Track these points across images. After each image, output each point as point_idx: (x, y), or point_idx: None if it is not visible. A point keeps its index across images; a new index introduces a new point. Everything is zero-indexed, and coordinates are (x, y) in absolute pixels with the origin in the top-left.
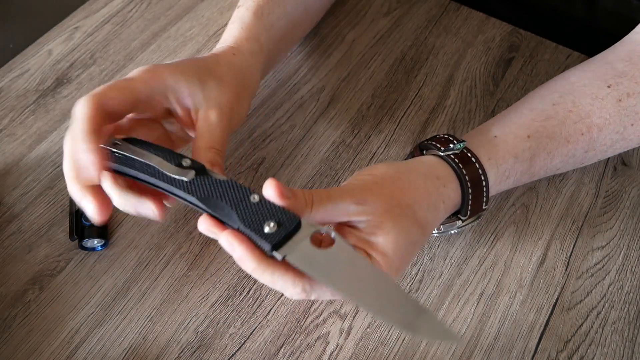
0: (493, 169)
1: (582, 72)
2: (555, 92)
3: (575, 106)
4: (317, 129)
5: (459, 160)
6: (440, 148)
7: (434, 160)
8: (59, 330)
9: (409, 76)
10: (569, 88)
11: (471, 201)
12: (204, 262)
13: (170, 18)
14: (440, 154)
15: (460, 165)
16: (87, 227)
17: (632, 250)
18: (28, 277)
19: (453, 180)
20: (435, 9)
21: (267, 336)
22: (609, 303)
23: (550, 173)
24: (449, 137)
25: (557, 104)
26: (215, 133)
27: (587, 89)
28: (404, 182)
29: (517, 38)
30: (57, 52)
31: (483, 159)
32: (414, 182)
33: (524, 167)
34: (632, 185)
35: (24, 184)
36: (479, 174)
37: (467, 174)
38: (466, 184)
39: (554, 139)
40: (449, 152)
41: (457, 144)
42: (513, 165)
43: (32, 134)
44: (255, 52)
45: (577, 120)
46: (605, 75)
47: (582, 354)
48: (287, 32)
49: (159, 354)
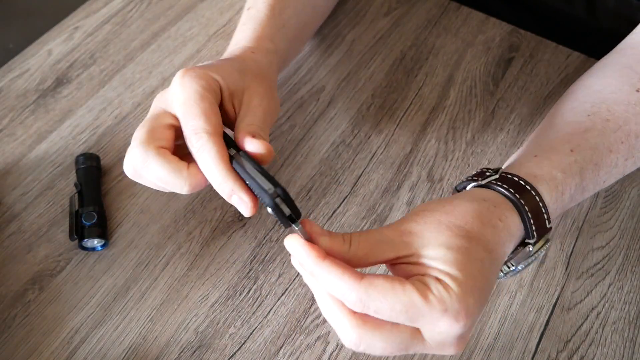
0: (543, 185)
1: (602, 79)
2: (585, 102)
3: (612, 114)
4: (317, 129)
5: (502, 183)
6: (478, 179)
7: (475, 189)
8: (58, 330)
9: (409, 76)
10: (599, 97)
11: (532, 219)
12: (204, 262)
13: (170, 18)
14: (481, 183)
15: (506, 186)
16: (87, 227)
17: (632, 250)
18: (28, 277)
19: (503, 202)
20: (435, 9)
21: (267, 336)
22: (609, 303)
23: (598, 188)
24: (482, 170)
25: (592, 114)
26: (257, 112)
27: (617, 95)
28: (448, 207)
29: (517, 38)
30: (57, 52)
31: (529, 177)
32: (459, 206)
33: (575, 180)
34: (632, 185)
35: (24, 184)
36: (530, 191)
37: (517, 194)
38: (519, 203)
39: (597, 150)
40: (488, 179)
41: (493, 170)
42: (564, 180)
43: (32, 134)
44: (270, 50)
45: (616, 128)
46: (630, 80)
47: (582, 354)
48: (298, 32)
49: (159, 354)
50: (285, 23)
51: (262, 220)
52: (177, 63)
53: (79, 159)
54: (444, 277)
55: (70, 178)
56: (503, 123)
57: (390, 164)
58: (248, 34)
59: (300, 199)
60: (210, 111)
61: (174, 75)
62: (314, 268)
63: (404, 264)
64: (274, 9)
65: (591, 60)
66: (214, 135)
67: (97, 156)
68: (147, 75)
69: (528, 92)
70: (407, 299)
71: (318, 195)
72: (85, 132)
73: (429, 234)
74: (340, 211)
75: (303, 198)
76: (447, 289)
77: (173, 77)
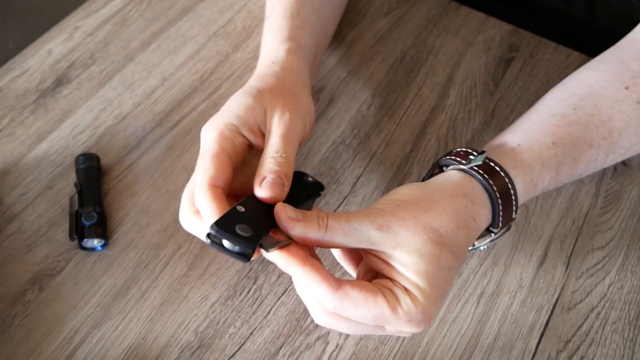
0: (520, 177)
1: (597, 72)
2: (574, 95)
3: (597, 110)
4: (317, 129)
5: (484, 172)
6: (462, 162)
7: (457, 175)
8: (58, 330)
9: (409, 76)
10: (588, 91)
11: (502, 212)
12: (204, 262)
13: (170, 18)
14: (463, 167)
15: (487, 177)
16: (87, 227)
17: (632, 250)
18: (28, 277)
19: (480, 194)
20: (435, 9)
21: (267, 336)
22: (609, 303)
23: (573, 179)
24: (467, 150)
25: (578, 107)
26: (274, 138)
27: (606, 91)
28: (428, 204)
29: (517, 38)
30: (56, 52)
31: (509, 168)
32: (439, 203)
33: (551, 174)
34: (632, 185)
35: (24, 184)
36: (507, 184)
37: (494, 185)
38: (495, 196)
39: (578, 145)
40: (471, 164)
41: (478, 155)
42: (540, 173)
43: (31, 134)
44: (292, 49)
45: (599, 124)
46: (622, 77)
47: (582, 354)
48: (319, 28)
49: (159, 354)
50: (305, 21)
51: None
52: (177, 63)
53: (79, 159)
54: (413, 288)
55: (70, 178)
56: (503, 123)
57: (390, 164)
58: (269, 42)
59: None
60: (210, 163)
61: (174, 75)
62: (294, 272)
63: (375, 256)
64: (291, 10)
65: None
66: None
67: (97, 156)
68: (147, 75)
69: (528, 92)
70: (377, 311)
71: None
72: (85, 132)
73: (404, 233)
74: (340, 211)
75: None
76: (414, 301)
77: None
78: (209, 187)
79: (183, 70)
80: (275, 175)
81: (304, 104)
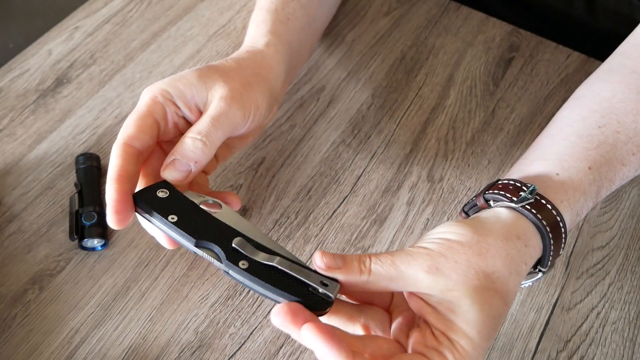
0: (567, 211)
1: (610, 84)
2: (595, 112)
3: (621, 126)
4: (317, 129)
5: (536, 211)
6: (512, 198)
7: (509, 215)
8: (58, 330)
9: (409, 76)
10: (607, 105)
11: (552, 252)
12: (204, 262)
13: (170, 18)
14: (514, 205)
15: (540, 217)
16: (87, 227)
17: (632, 250)
18: (28, 277)
19: (533, 235)
20: (435, 9)
21: (267, 336)
22: (609, 303)
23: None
24: (515, 184)
25: (603, 125)
26: (203, 118)
27: (625, 105)
28: (482, 247)
29: (517, 38)
30: (57, 52)
31: (556, 202)
32: (493, 246)
33: (593, 201)
34: (632, 185)
35: (24, 184)
36: (558, 222)
37: (547, 225)
38: (548, 237)
39: (612, 165)
40: (524, 203)
41: (527, 190)
42: (584, 203)
43: (32, 133)
44: (272, 43)
45: (627, 140)
46: (637, 87)
47: (582, 354)
48: (305, 24)
49: (159, 354)
50: (289, 16)
51: (262, 220)
52: (177, 63)
53: (79, 158)
54: (461, 339)
55: (70, 178)
56: (503, 123)
57: (390, 164)
58: (250, 32)
59: (300, 199)
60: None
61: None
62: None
63: (422, 300)
64: (275, 4)
65: (591, 61)
66: (117, 143)
67: (97, 156)
68: (147, 75)
69: (528, 92)
70: None
71: (318, 195)
72: (85, 132)
73: (456, 277)
74: (340, 211)
75: (303, 198)
76: (463, 356)
77: None
78: (122, 144)
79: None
80: (184, 160)
81: (254, 96)
